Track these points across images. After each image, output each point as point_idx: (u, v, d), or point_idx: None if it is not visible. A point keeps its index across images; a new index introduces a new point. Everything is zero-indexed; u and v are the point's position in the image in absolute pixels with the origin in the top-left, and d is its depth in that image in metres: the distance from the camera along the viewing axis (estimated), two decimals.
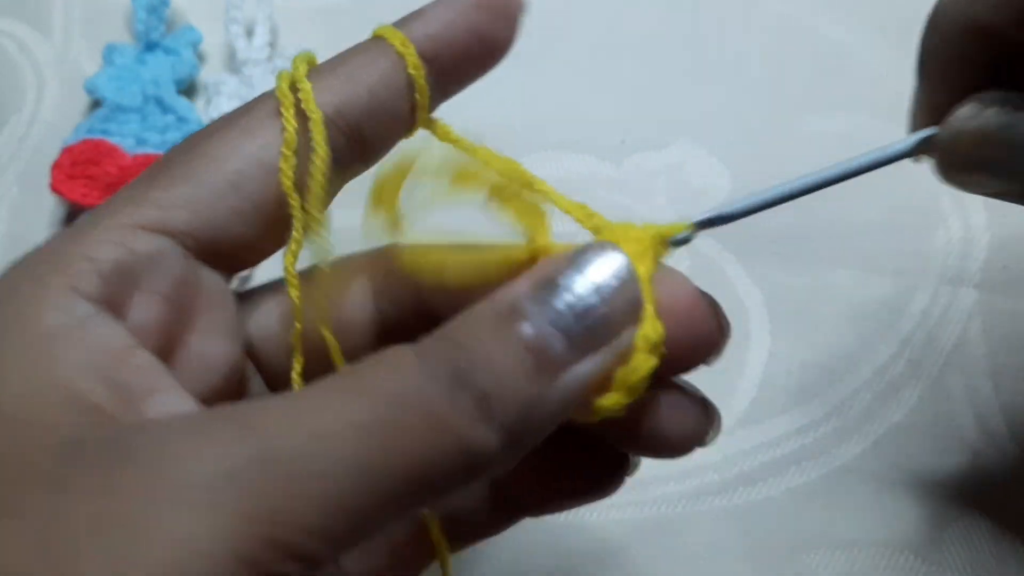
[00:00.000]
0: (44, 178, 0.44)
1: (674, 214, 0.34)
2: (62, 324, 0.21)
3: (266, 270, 0.28)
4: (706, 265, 0.41)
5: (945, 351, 0.40)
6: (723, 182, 0.29)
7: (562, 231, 0.25)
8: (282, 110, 0.24)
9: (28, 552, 0.18)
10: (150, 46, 0.48)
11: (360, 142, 0.25)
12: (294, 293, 0.26)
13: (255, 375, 0.27)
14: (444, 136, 0.27)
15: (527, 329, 0.21)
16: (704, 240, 0.32)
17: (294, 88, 0.25)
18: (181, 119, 0.46)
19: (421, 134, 0.27)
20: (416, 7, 0.27)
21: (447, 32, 0.26)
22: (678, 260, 0.25)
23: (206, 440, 0.19)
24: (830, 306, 0.41)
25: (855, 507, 0.37)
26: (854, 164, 0.25)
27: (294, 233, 0.25)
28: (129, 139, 0.46)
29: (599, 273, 0.22)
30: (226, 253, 0.24)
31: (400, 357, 0.21)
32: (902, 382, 0.39)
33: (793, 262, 0.31)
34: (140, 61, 0.48)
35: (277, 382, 0.27)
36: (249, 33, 0.49)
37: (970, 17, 0.26)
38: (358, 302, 0.27)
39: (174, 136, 0.46)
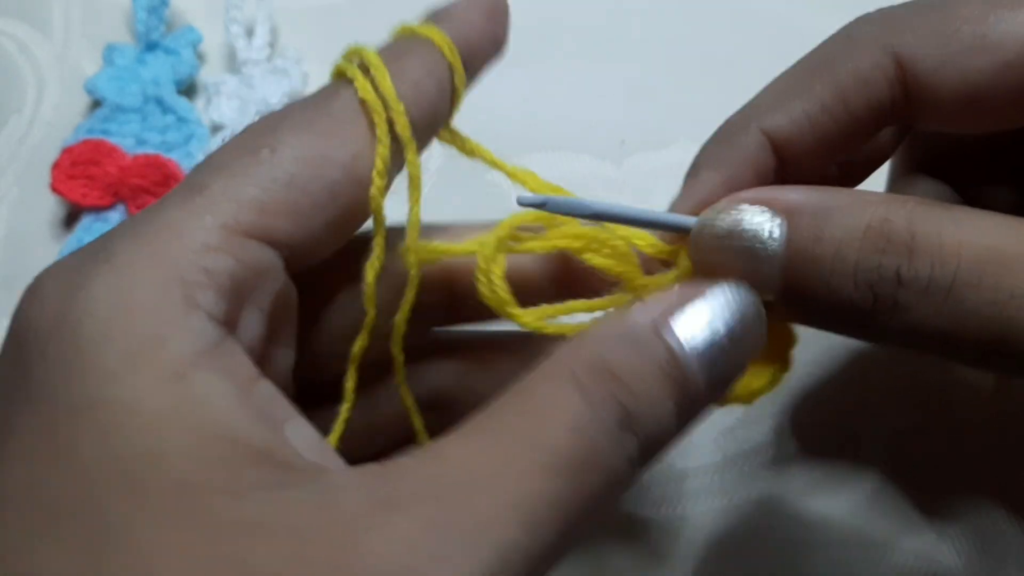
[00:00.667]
0: (44, 178, 0.44)
1: None
2: (198, 352, 0.20)
3: None
4: None
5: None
6: None
7: None
8: (376, 123, 0.24)
9: None
10: (150, 46, 0.48)
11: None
12: (371, 310, 0.26)
13: None
14: (461, 144, 0.28)
15: (687, 373, 0.22)
16: None
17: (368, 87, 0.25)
18: (181, 119, 0.46)
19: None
20: (416, 11, 0.27)
21: (473, 34, 0.26)
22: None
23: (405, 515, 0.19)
24: None
25: (856, 507, 0.37)
26: (642, 215, 0.26)
27: (376, 251, 0.25)
28: (129, 139, 0.46)
29: (730, 313, 0.23)
30: (304, 258, 0.24)
31: (565, 397, 0.21)
32: (903, 381, 0.39)
33: None
34: (140, 61, 0.48)
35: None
36: (249, 33, 0.49)
37: (769, 129, 0.26)
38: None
39: (174, 136, 0.46)
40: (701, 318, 0.22)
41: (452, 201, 0.36)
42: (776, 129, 0.26)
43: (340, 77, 0.25)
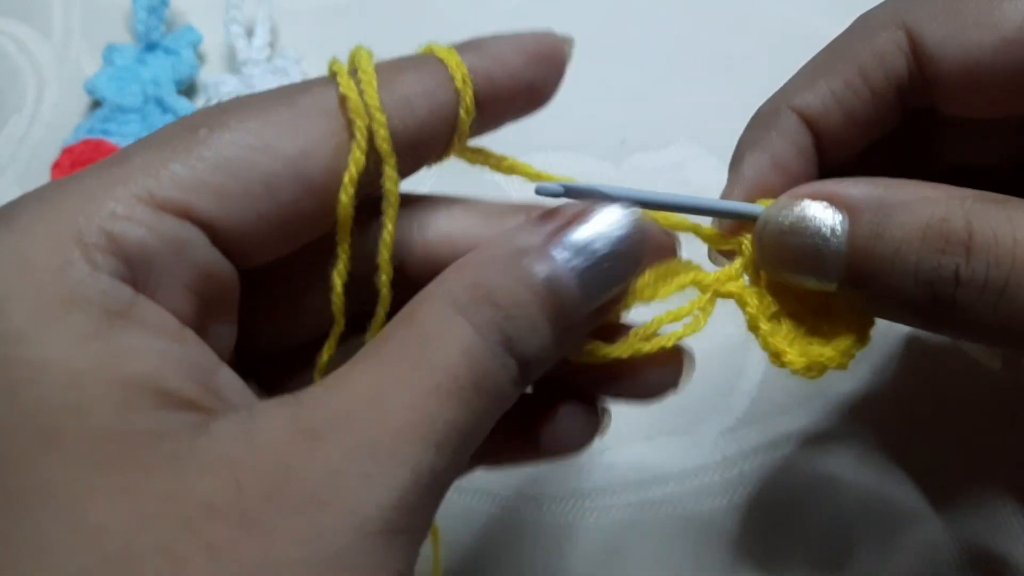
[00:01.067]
0: (44, 178, 0.44)
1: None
2: (112, 310, 0.20)
3: None
4: (707, 265, 0.41)
5: (946, 350, 0.40)
6: (723, 181, 0.29)
7: None
8: (356, 127, 0.23)
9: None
10: (150, 46, 0.48)
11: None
12: (340, 321, 0.25)
13: None
14: (482, 159, 0.27)
15: (564, 295, 0.23)
16: None
17: (347, 93, 0.24)
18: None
19: None
20: (417, 11, 0.27)
21: (501, 72, 0.25)
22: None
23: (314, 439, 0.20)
24: None
25: (858, 506, 0.37)
26: (700, 203, 0.27)
27: (342, 258, 0.25)
28: (129, 139, 0.46)
29: (605, 224, 0.24)
30: (240, 251, 0.24)
31: (453, 324, 0.22)
32: (903, 381, 0.39)
33: None
34: (140, 61, 0.48)
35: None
36: (249, 33, 0.49)
37: (799, 107, 0.28)
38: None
39: None
40: (582, 239, 0.24)
41: None
42: (805, 107, 0.28)
43: (331, 74, 0.25)
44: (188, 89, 0.49)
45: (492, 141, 0.29)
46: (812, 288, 0.26)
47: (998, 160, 0.30)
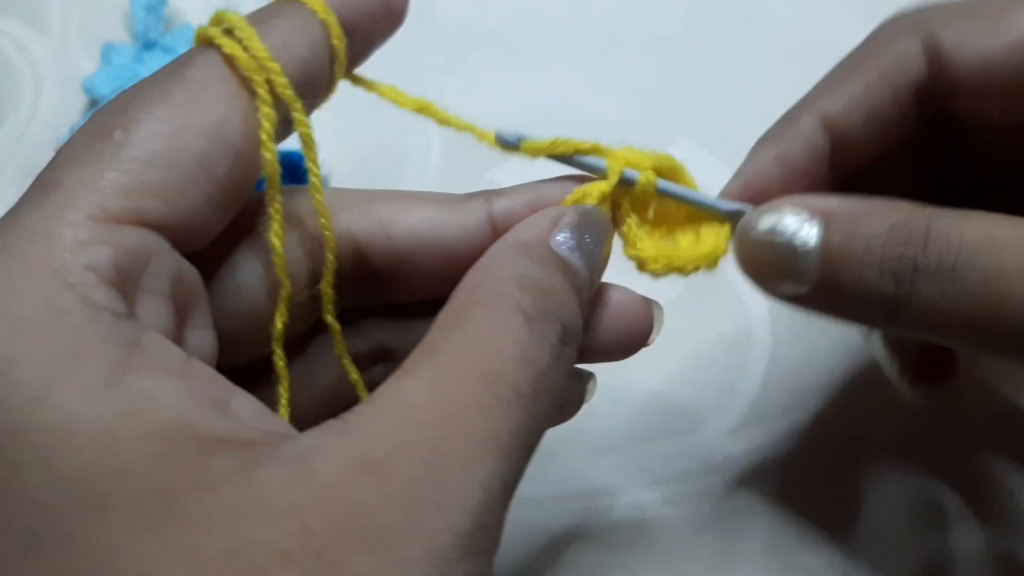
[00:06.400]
0: None
1: None
2: (120, 356, 0.19)
3: None
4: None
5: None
6: (723, 181, 0.29)
7: None
8: (256, 83, 0.23)
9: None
10: (148, 45, 0.48)
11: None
12: (285, 281, 0.25)
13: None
14: (369, 86, 0.27)
15: (582, 277, 0.25)
16: None
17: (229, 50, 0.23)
18: None
19: None
20: (415, 9, 0.27)
21: (360, 2, 0.26)
22: None
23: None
24: None
25: (858, 507, 0.37)
26: (689, 195, 0.29)
27: (275, 217, 0.24)
28: None
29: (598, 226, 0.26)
30: (191, 239, 0.23)
31: (508, 323, 0.22)
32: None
33: None
34: (138, 60, 0.48)
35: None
36: None
37: (820, 110, 0.29)
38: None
39: None
40: (574, 230, 0.25)
41: None
42: (828, 111, 0.29)
43: (203, 42, 0.24)
44: None
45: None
46: (786, 293, 0.28)
47: (1015, 163, 0.30)
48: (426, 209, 0.27)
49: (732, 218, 0.29)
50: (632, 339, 0.28)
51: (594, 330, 0.27)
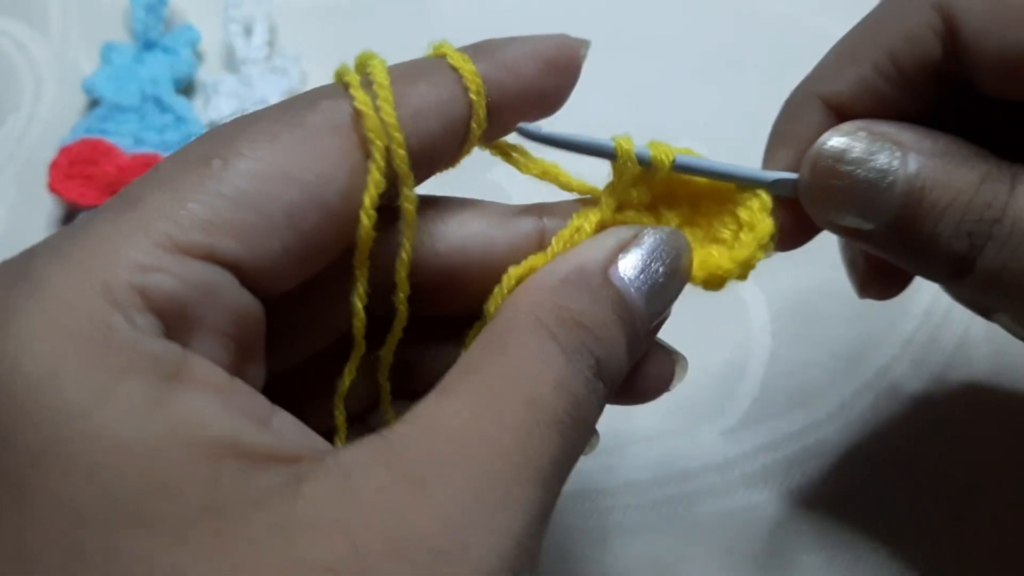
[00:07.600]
0: (42, 178, 0.44)
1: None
2: (166, 374, 0.19)
3: None
4: None
5: (948, 351, 0.40)
6: None
7: None
8: (373, 148, 0.22)
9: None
10: (148, 45, 0.48)
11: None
12: (360, 345, 0.25)
13: None
14: (507, 158, 0.27)
15: (636, 314, 0.24)
16: None
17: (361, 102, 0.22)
18: (179, 118, 0.46)
19: None
20: (416, 9, 0.26)
21: (515, 83, 0.24)
22: None
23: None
24: (832, 306, 0.41)
25: (858, 508, 0.37)
26: (730, 170, 0.27)
27: (360, 282, 0.24)
28: (127, 139, 0.45)
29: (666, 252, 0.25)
30: (264, 285, 0.22)
31: (545, 351, 0.22)
32: (905, 382, 0.39)
33: (795, 262, 0.31)
34: (138, 60, 0.48)
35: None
36: (248, 32, 0.49)
37: (827, 95, 0.27)
38: None
39: (172, 136, 0.46)
40: (641, 259, 0.24)
41: None
42: (834, 96, 0.27)
43: (338, 82, 0.24)
44: (186, 88, 0.48)
45: None
46: (849, 226, 0.26)
47: None
48: (476, 223, 0.26)
49: (775, 188, 0.27)
50: (650, 392, 0.27)
51: None
